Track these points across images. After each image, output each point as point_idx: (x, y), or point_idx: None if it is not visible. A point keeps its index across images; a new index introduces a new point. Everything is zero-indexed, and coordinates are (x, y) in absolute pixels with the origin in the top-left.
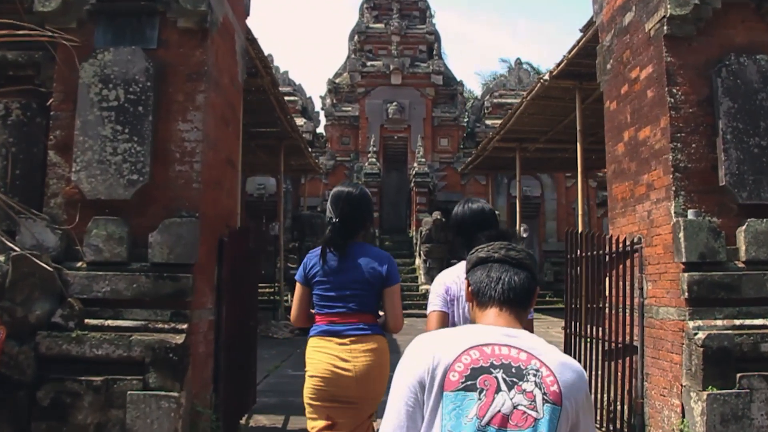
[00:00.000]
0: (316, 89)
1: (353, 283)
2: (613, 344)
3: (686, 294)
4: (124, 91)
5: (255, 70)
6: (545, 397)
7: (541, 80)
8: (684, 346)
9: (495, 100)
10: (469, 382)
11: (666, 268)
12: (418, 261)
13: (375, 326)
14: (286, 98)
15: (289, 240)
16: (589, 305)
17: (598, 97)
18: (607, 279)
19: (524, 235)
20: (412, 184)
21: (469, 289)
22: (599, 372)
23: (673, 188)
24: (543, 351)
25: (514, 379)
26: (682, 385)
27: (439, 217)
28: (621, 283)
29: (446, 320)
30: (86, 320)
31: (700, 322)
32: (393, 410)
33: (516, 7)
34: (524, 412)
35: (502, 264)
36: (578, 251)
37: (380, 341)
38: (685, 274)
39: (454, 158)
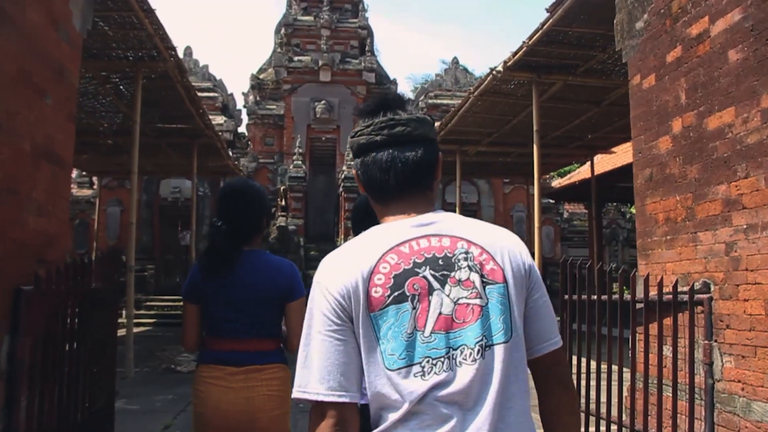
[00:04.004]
0: (238, 86)
1: (249, 301)
2: None
3: None
4: None
5: (156, 52)
6: (485, 279)
7: (494, 71)
8: None
9: (430, 101)
10: (396, 293)
11: None
12: None
13: (275, 354)
14: (206, 94)
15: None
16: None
17: (555, 93)
18: (640, 337)
19: None
20: (341, 189)
21: (360, 182)
22: None
23: None
24: (466, 228)
25: (445, 272)
26: None
27: None
28: (664, 349)
29: None
30: None
31: None
32: (317, 351)
33: (445, 13)
34: (468, 305)
35: (387, 146)
36: (587, 293)
37: (281, 371)
38: None
39: None
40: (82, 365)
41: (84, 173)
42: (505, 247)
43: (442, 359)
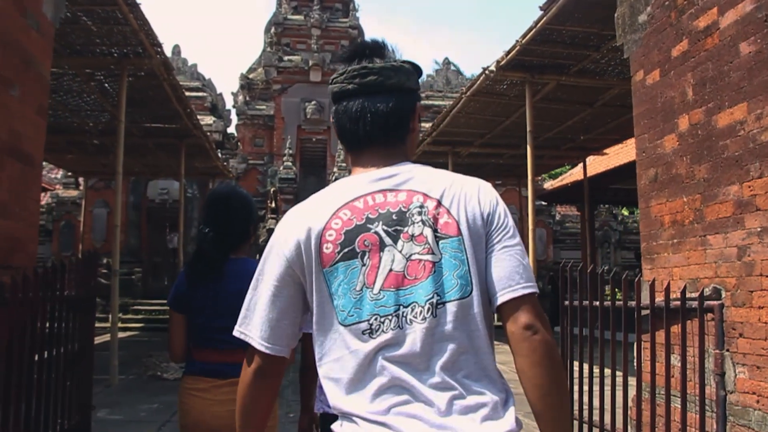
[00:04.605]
0: (227, 85)
1: (235, 311)
2: None
3: None
4: None
5: (141, 48)
6: (438, 234)
7: (486, 71)
8: None
9: (421, 102)
10: (346, 249)
11: None
12: None
13: None
14: (194, 93)
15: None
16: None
17: (548, 94)
18: (646, 345)
19: None
20: None
21: (335, 129)
22: None
23: None
24: (425, 181)
25: (398, 227)
26: None
27: None
28: (672, 359)
29: None
30: None
31: None
32: (260, 300)
33: (436, 14)
34: (420, 261)
35: (358, 96)
36: (585, 298)
37: None
38: None
39: None
40: (54, 379)
41: (70, 173)
42: (462, 198)
43: (390, 317)
